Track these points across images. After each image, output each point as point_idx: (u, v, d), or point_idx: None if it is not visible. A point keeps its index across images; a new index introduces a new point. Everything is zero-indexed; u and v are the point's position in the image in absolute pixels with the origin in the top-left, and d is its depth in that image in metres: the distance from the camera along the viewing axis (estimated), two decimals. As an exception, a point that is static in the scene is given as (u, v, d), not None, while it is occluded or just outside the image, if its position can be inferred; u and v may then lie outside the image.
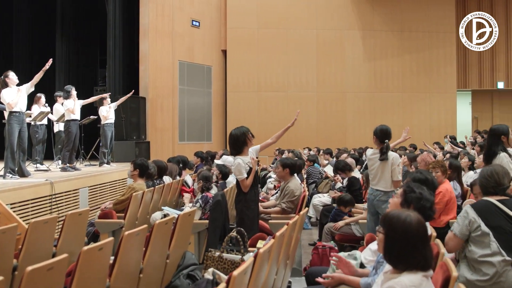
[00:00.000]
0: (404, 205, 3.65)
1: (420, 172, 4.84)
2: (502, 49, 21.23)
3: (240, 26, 19.21)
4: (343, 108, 19.61)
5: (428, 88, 20.02)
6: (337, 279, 3.59)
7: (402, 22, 19.95)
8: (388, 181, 6.36)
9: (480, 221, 4.00)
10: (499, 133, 6.04)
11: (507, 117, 21.83)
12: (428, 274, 2.76)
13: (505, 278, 3.86)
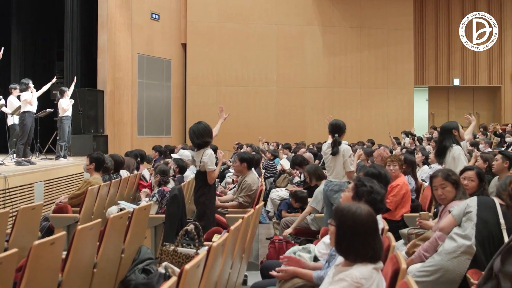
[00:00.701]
0: (355, 198, 3.71)
1: (373, 167, 4.92)
2: (457, 47, 21.64)
3: (200, 19, 19.10)
4: (303, 103, 19.71)
5: (386, 84, 20.30)
6: (290, 273, 3.62)
7: (361, 19, 20.15)
8: (341, 172, 6.50)
9: (476, 209, 4.06)
10: (450, 128, 6.20)
11: (462, 113, 22.11)
12: (378, 266, 2.83)
13: (457, 262, 3.89)
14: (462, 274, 3.85)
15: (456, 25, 21.50)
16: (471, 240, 3.90)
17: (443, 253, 4.00)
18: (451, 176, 4.60)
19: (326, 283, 2.95)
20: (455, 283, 3.86)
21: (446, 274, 3.89)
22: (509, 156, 6.75)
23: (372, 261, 2.81)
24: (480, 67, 21.87)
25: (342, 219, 2.88)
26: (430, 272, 3.97)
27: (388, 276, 2.91)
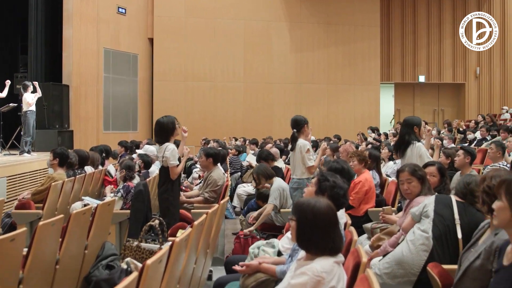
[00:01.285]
0: (318, 193, 3.75)
1: (336, 162, 4.98)
2: (423, 44, 21.97)
3: (167, 14, 18.99)
4: (270, 98, 19.75)
5: (353, 80, 20.47)
6: (253, 267, 3.63)
7: (329, 15, 20.27)
8: (299, 169, 6.52)
9: (433, 206, 4.13)
10: (412, 123, 6.29)
11: (427, 109, 22.67)
12: (339, 260, 2.86)
13: (416, 253, 3.97)
14: (419, 266, 3.92)
15: (422, 22, 21.87)
16: (428, 233, 3.98)
17: (403, 245, 4.08)
18: (418, 171, 4.68)
19: (288, 277, 2.97)
20: (413, 275, 3.92)
21: (404, 265, 3.95)
22: (470, 152, 6.88)
23: (333, 254, 2.84)
24: (445, 65, 22.20)
25: (301, 213, 2.91)
26: (389, 264, 4.04)
27: (349, 270, 2.95)
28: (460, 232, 4.01)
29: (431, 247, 3.93)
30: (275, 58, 19.82)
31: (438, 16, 22.14)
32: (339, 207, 3.79)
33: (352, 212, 6.33)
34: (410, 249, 3.98)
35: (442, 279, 3.56)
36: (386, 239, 4.72)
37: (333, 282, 2.75)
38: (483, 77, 22.45)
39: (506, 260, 2.64)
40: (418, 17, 22.00)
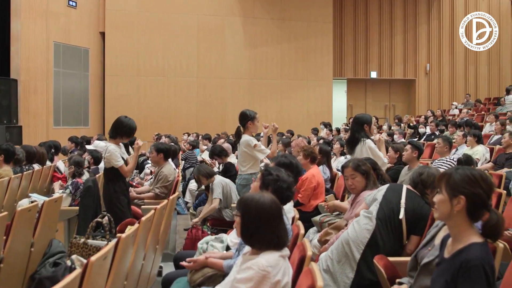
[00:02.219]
0: (262, 187, 3.77)
1: (284, 156, 5.01)
2: (375, 41, 22.26)
3: (120, 8, 18.71)
4: (223, 94, 19.69)
5: (306, 76, 20.60)
6: (200, 263, 3.63)
7: (282, 11, 20.32)
8: (245, 164, 6.55)
9: (383, 191, 4.22)
10: (363, 121, 6.37)
11: (379, 104, 23.02)
12: (285, 254, 2.89)
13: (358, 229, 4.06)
14: (363, 244, 3.98)
15: (374, 18, 22.15)
16: (372, 214, 4.07)
17: (349, 227, 4.16)
18: (361, 166, 4.77)
19: (234, 272, 2.98)
20: (357, 252, 3.98)
21: (350, 243, 4.02)
22: (418, 146, 7.03)
23: (278, 249, 2.87)
24: (396, 61, 22.56)
25: (246, 208, 2.94)
26: (336, 244, 4.11)
27: (295, 263, 2.98)
28: (403, 214, 4.10)
29: (374, 226, 4.02)
30: (228, 53, 19.77)
31: (390, 13, 22.46)
32: (284, 200, 3.83)
33: (302, 208, 6.40)
34: (355, 228, 4.07)
35: (388, 271, 3.63)
36: (334, 233, 4.80)
37: (279, 276, 2.77)
38: (433, 74, 22.92)
39: (447, 252, 2.71)
40: (370, 14, 22.29)
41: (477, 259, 2.47)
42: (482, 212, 2.61)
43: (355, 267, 3.97)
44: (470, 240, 2.58)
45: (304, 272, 2.66)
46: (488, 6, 23.39)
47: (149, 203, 6.76)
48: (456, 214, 2.60)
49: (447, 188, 2.63)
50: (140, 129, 6.59)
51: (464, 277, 2.47)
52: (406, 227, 4.10)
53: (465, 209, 2.58)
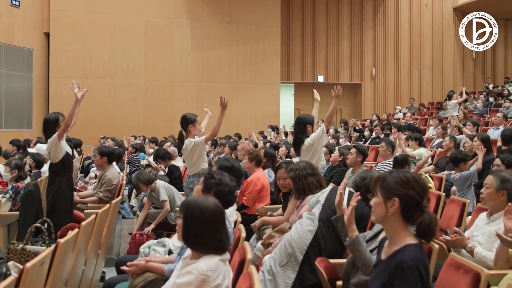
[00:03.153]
0: (204, 191, 3.77)
1: (227, 160, 5.02)
2: (322, 45, 22.49)
3: (65, 8, 18.34)
4: (171, 97, 19.56)
5: (254, 79, 20.66)
6: (141, 267, 3.60)
7: (230, 14, 20.34)
8: (191, 168, 6.53)
9: (327, 194, 4.26)
10: (305, 122, 6.46)
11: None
12: (225, 258, 2.89)
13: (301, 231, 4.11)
14: (305, 245, 4.03)
15: (321, 23, 22.39)
16: (315, 215, 4.13)
17: (292, 228, 4.20)
18: (290, 172, 4.89)
19: (174, 276, 2.97)
20: (299, 253, 4.02)
21: (293, 244, 4.06)
22: (362, 151, 7.14)
23: (218, 253, 2.86)
24: (343, 65, 22.85)
25: (189, 210, 2.92)
26: (279, 247, 4.14)
27: (235, 267, 2.99)
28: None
29: (316, 227, 4.07)
30: (176, 56, 19.66)
31: (337, 18, 22.75)
32: (226, 204, 3.83)
33: (247, 211, 6.42)
34: (298, 229, 4.12)
35: (329, 272, 3.68)
36: (277, 236, 4.83)
37: (219, 280, 2.77)
38: (379, 78, 23.33)
39: (384, 254, 2.76)
40: (318, 19, 22.52)
41: (412, 260, 2.53)
42: (416, 213, 2.66)
43: (297, 269, 4.00)
44: (405, 241, 2.64)
45: (243, 275, 2.67)
46: (432, 13, 24.01)
47: (92, 207, 6.65)
48: (391, 216, 2.66)
49: (382, 191, 2.69)
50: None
51: (399, 278, 2.52)
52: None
53: (400, 211, 2.64)
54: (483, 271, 2.81)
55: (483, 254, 3.87)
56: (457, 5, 24.21)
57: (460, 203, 5.23)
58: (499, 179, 4.12)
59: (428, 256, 3.17)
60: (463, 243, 3.94)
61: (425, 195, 2.71)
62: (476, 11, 22.06)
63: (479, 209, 4.78)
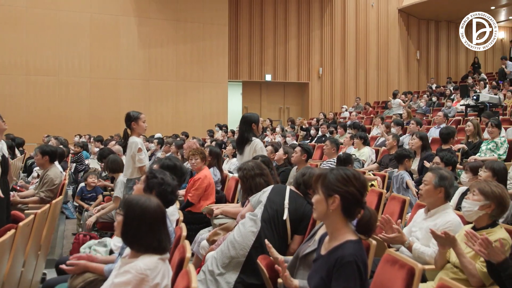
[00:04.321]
0: (146, 190, 3.74)
1: (169, 159, 4.99)
2: (270, 44, 22.58)
3: (7, 3, 17.83)
4: (117, 95, 19.24)
5: (201, 78, 20.57)
6: (81, 267, 3.55)
7: (177, 12, 20.18)
8: (129, 168, 6.43)
9: (268, 193, 4.28)
10: (250, 121, 6.46)
11: (274, 107, 23.40)
12: (165, 257, 2.87)
13: (244, 232, 4.14)
14: (248, 246, 4.06)
15: (269, 23, 22.48)
16: (257, 216, 4.16)
17: (235, 229, 4.22)
18: (242, 171, 4.92)
19: (113, 276, 2.93)
20: (242, 256, 4.04)
21: (236, 245, 4.08)
22: (307, 149, 7.21)
23: (158, 252, 2.84)
24: (290, 65, 22.99)
25: (130, 208, 2.90)
26: (222, 247, 4.15)
27: (174, 265, 2.98)
28: (287, 214, 4.22)
29: (259, 229, 4.11)
30: (123, 53, 19.37)
31: (284, 18, 22.87)
32: (168, 204, 3.82)
33: (192, 209, 6.41)
34: (241, 230, 4.14)
35: (270, 270, 3.70)
36: (222, 234, 4.84)
37: (157, 279, 2.75)
38: (325, 77, 23.58)
39: (323, 249, 2.80)
40: (265, 18, 22.59)
41: (351, 256, 2.58)
42: (356, 209, 2.72)
43: (239, 270, 4.02)
44: (345, 238, 2.69)
45: (181, 273, 2.66)
46: (377, 14, 24.44)
47: (33, 207, 6.50)
48: (332, 213, 2.70)
49: (323, 188, 2.73)
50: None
51: (338, 273, 2.57)
52: (290, 227, 4.20)
53: (340, 207, 2.69)
54: (417, 266, 2.88)
55: (421, 250, 3.96)
56: (402, 6, 24.72)
57: (400, 200, 5.35)
58: (438, 176, 4.23)
59: (367, 252, 3.23)
60: (402, 240, 4.02)
61: (365, 192, 2.77)
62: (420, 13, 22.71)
63: (418, 206, 4.90)
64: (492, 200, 3.57)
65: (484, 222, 3.64)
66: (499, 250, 3.12)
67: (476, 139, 8.77)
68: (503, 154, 7.97)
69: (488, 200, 3.58)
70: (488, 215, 3.62)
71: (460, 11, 24.20)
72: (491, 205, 3.59)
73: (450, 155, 6.53)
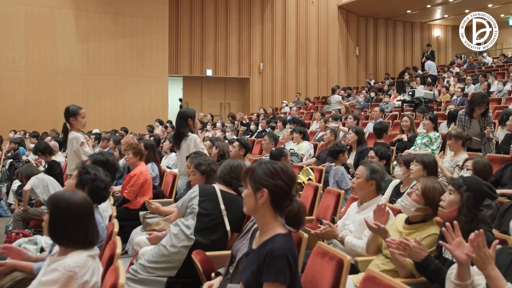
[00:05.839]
0: (79, 186, 3.68)
1: (101, 154, 4.92)
2: (211, 39, 22.51)
3: None
4: (55, 89, 18.73)
5: (141, 73, 20.30)
6: (9, 266, 3.46)
7: (116, 5, 19.81)
8: (73, 164, 6.35)
9: (197, 200, 4.24)
10: (186, 116, 6.44)
11: (215, 102, 23.36)
12: (94, 253, 2.84)
13: (178, 252, 4.11)
14: (181, 260, 4.09)
15: (210, 18, 22.38)
16: (190, 229, 4.14)
17: (167, 239, 4.19)
18: (201, 166, 4.90)
19: (41, 274, 2.87)
20: (175, 268, 4.06)
21: (168, 259, 4.08)
22: (245, 144, 7.24)
23: (86, 247, 2.81)
24: (231, 60, 22.97)
25: (55, 204, 2.86)
26: (155, 256, 4.13)
27: (105, 261, 2.95)
28: (228, 224, 4.22)
29: (192, 242, 4.10)
30: (60, 47, 18.84)
31: (225, 13, 22.82)
32: (101, 200, 3.77)
33: (129, 205, 6.35)
34: (174, 244, 4.12)
35: (204, 265, 3.71)
36: (163, 224, 4.85)
37: (87, 277, 2.71)
38: (266, 73, 23.69)
39: (255, 244, 2.82)
40: (206, 13, 22.48)
41: (281, 249, 2.59)
42: (285, 203, 2.74)
43: (174, 273, 4.04)
44: (275, 231, 2.71)
45: (110, 270, 2.63)
46: (318, 10, 24.71)
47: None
48: (261, 206, 2.71)
49: (251, 182, 2.74)
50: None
51: (269, 267, 2.59)
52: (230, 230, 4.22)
53: (269, 201, 2.70)
54: (346, 258, 2.94)
55: (353, 243, 4.05)
56: (342, 3, 25.08)
57: (335, 194, 5.43)
58: (369, 169, 4.33)
59: (299, 245, 3.27)
60: (334, 234, 4.10)
61: (294, 185, 2.79)
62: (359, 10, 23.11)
63: (351, 199, 4.99)
64: (431, 207, 3.65)
65: (418, 218, 3.73)
66: (417, 248, 3.20)
67: (411, 134, 9.01)
68: (437, 149, 8.20)
69: (427, 205, 3.66)
70: (423, 214, 3.71)
71: (397, 9, 24.90)
72: (427, 210, 3.67)
73: (384, 149, 6.67)
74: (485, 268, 2.60)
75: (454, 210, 3.31)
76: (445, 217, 3.35)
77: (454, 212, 3.30)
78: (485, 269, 2.60)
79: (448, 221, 3.20)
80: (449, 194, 3.37)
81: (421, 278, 3.40)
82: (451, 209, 3.32)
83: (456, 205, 3.31)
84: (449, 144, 6.84)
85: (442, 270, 3.12)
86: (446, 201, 3.36)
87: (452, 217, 3.28)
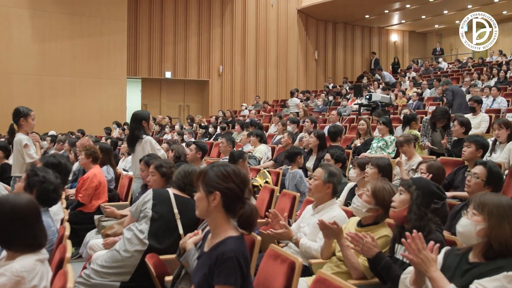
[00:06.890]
0: (27, 189, 3.62)
1: (53, 156, 4.86)
2: (170, 41, 22.40)
3: None
4: (9, 90, 18.25)
5: (99, 74, 20.03)
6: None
7: (74, 5, 19.50)
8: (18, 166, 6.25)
9: (151, 203, 4.20)
10: (141, 118, 6.41)
11: (173, 104, 23.24)
12: (43, 257, 2.80)
13: (131, 258, 4.07)
14: (134, 266, 4.06)
15: (169, 20, 22.27)
16: (144, 234, 4.11)
17: (120, 244, 4.15)
18: (162, 167, 4.88)
19: (-12, 280, 2.81)
20: (128, 273, 4.03)
21: (121, 264, 4.05)
22: (202, 147, 7.23)
23: (34, 250, 2.77)
24: (190, 62, 22.89)
25: None
26: (108, 261, 4.09)
27: (54, 265, 2.91)
28: (182, 228, 4.21)
29: (146, 247, 4.07)
30: (14, 47, 18.43)
31: (185, 15, 22.72)
32: (51, 202, 3.72)
33: (84, 208, 6.28)
34: (127, 249, 4.08)
35: (157, 268, 3.69)
36: (116, 228, 4.81)
37: (35, 281, 2.67)
38: (226, 75, 23.68)
39: (206, 246, 2.82)
40: (165, 15, 22.35)
41: (232, 251, 2.61)
42: (238, 205, 2.75)
43: (128, 278, 4.01)
44: (226, 234, 2.72)
45: (59, 274, 2.60)
46: (277, 14, 24.82)
47: None
48: (213, 209, 2.71)
49: (203, 186, 2.74)
50: None
51: (220, 269, 2.60)
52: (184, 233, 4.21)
53: (221, 204, 2.71)
54: (298, 260, 2.96)
55: (307, 245, 4.08)
56: (301, 7, 25.25)
57: (291, 196, 5.47)
58: (327, 172, 4.38)
59: (252, 248, 3.28)
60: (289, 235, 4.13)
61: (246, 188, 2.80)
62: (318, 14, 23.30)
63: (307, 202, 5.03)
64: (381, 207, 3.71)
65: (370, 220, 3.79)
66: (370, 244, 3.26)
67: (368, 137, 9.15)
68: (392, 152, 8.33)
69: (377, 205, 3.72)
70: (374, 216, 3.77)
71: (356, 13, 25.21)
72: (378, 210, 3.73)
73: (340, 152, 6.76)
74: (427, 270, 2.65)
75: (404, 209, 3.36)
76: (396, 217, 3.42)
77: (404, 211, 3.36)
78: (427, 272, 2.65)
79: (399, 221, 3.29)
80: (400, 195, 3.44)
81: (372, 280, 3.46)
82: (401, 208, 3.38)
83: (406, 204, 3.37)
84: (403, 151, 6.97)
85: (393, 268, 3.19)
86: (397, 201, 3.42)
87: (402, 216, 3.35)
